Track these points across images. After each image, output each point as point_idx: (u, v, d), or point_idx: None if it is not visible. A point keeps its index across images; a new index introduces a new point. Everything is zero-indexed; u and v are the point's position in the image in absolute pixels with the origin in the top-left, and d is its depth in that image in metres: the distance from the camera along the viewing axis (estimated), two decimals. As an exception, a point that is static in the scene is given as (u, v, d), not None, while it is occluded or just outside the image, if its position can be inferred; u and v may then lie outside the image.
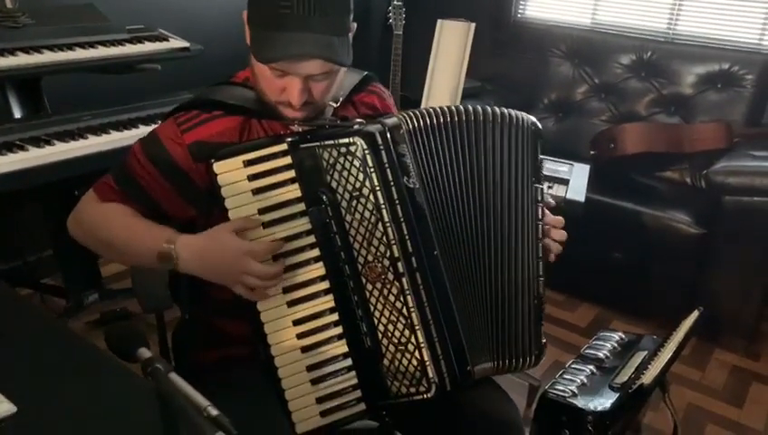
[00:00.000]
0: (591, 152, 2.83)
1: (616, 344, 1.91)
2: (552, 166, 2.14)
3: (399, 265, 1.12)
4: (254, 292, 1.07)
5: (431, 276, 1.15)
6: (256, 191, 1.09)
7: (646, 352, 1.81)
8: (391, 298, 1.13)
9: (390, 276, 1.13)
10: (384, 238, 1.12)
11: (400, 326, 1.14)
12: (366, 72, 1.33)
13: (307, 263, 1.12)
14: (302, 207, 1.10)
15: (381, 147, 1.11)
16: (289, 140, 1.10)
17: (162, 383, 0.78)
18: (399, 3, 3.54)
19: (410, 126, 1.15)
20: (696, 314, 1.86)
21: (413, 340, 1.14)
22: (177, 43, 2.25)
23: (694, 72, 3.04)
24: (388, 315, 1.14)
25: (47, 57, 1.88)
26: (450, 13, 2.92)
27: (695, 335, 2.51)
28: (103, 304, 2.33)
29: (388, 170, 1.11)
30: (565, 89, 3.34)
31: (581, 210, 2.02)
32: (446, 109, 1.19)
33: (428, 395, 1.15)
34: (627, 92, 3.18)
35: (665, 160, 2.90)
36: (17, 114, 2.01)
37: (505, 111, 1.22)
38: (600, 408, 1.44)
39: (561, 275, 2.87)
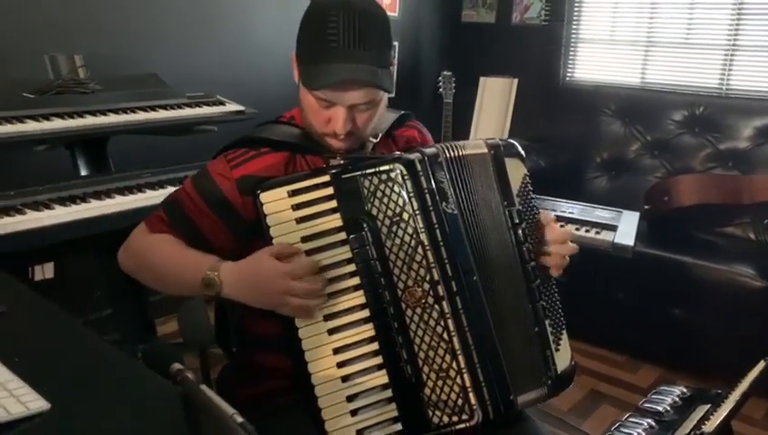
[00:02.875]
0: (646, 206, 2.77)
1: (677, 398, 1.80)
2: (600, 213, 2.12)
3: (439, 288, 1.12)
4: (298, 310, 1.09)
5: (471, 301, 1.14)
6: (300, 220, 1.12)
7: (709, 406, 1.70)
8: (432, 323, 1.12)
9: (431, 300, 1.12)
10: (424, 262, 1.12)
11: (441, 352, 1.12)
12: (403, 111, 1.38)
13: (347, 291, 1.12)
14: (342, 235, 1.12)
15: (420, 173, 1.14)
16: (332, 171, 1.14)
17: (189, 389, 0.79)
18: (449, 73, 3.65)
19: (448, 155, 1.18)
20: (762, 364, 1.75)
21: (454, 365, 1.12)
22: (232, 106, 2.37)
23: (750, 126, 2.98)
24: (428, 341, 1.13)
25: (112, 119, 2.01)
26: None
27: (765, 393, 2.35)
28: (157, 358, 2.37)
29: (428, 195, 1.14)
30: (617, 147, 3.33)
31: (630, 254, 1.97)
32: (469, 142, 1.23)
33: (471, 423, 1.12)
34: (680, 148, 3.14)
35: (724, 214, 2.81)
36: (83, 173, 2.14)
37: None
38: (659, 463, 1.36)
39: (620, 335, 2.79)
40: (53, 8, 2.40)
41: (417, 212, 1.13)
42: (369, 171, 1.14)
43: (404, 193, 1.13)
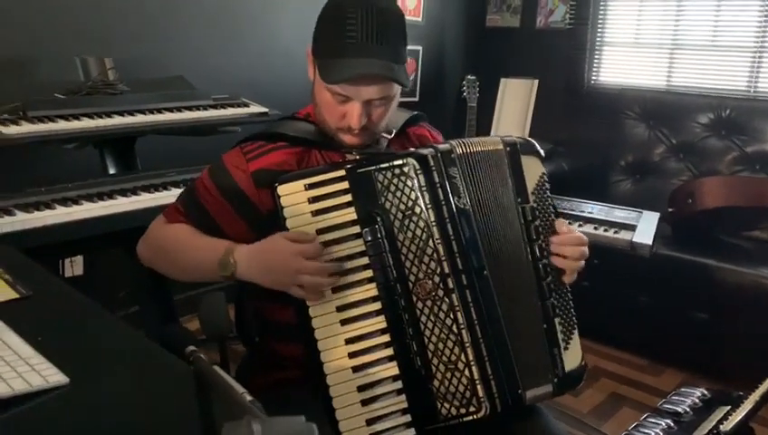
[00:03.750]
0: (670, 210, 2.75)
1: (697, 400, 1.79)
2: (620, 213, 2.11)
3: (449, 280, 1.14)
4: (308, 290, 1.11)
5: (481, 295, 1.16)
6: (316, 213, 1.14)
7: (729, 407, 1.69)
8: (441, 315, 1.14)
9: (440, 293, 1.14)
10: (435, 255, 1.14)
11: (450, 344, 1.14)
12: (417, 112, 1.41)
13: (360, 283, 1.14)
14: (357, 229, 1.15)
15: (433, 167, 1.16)
16: (347, 166, 1.17)
17: (201, 367, 0.82)
18: (473, 77, 3.66)
19: (460, 151, 1.20)
20: (785, 365, 1.73)
21: (463, 358, 1.14)
22: (256, 108, 2.42)
23: (779, 128, 2.94)
24: (438, 333, 1.14)
25: (139, 119, 2.07)
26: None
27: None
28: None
29: (440, 190, 1.16)
30: (642, 150, 3.30)
31: (648, 253, 1.96)
32: (485, 139, 1.24)
33: (478, 415, 1.13)
34: (706, 151, 3.10)
35: (750, 217, 2.76)
36: (112, 171, 2.20)
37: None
38: (675, 462, 1.36)
39: (643, 339, 2.77)
40: (85, 13, 2.48)
41: (428, 206, 1.15)
42: (383, 166, 1.16)
43: (416, 187, 1.15)
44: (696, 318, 2.58)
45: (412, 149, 1.21)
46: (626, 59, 3.68)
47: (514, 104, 2.52)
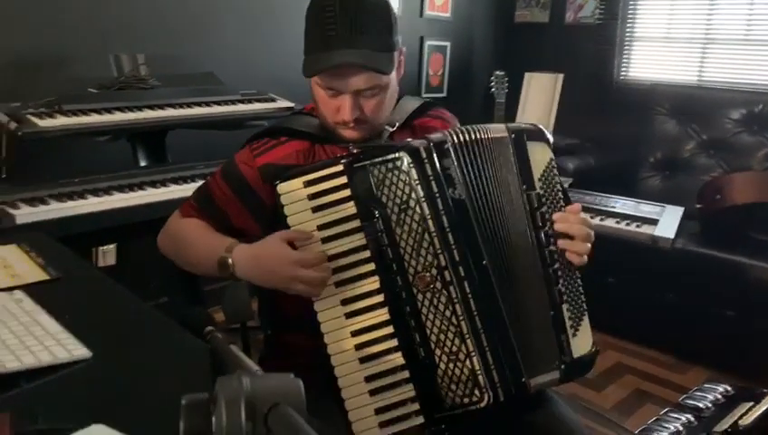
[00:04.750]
0: (698, 206, 2.71)
1: (720, 396, 1.78)
2: (644, 208, 2.10)
3: (447, 273, 1.14)
4: (304, 293, 1.13)
5: (480, 285, 1.15)
6: (316, 209, 1.15)
7: (752, 403, 1.67)
8: (441, 307, 1.15)
9: (439, 285, 1.14)
10: (431, 248, 1.15)
11: (451, 335, 1.15)
12: (425, 101, 1.41)
13: (363, 276, 1.15)
14: (357, 223, 1.15)
15: (426, 160, 1.15)
16: (344, 161, 1.16)
17: (217, 346, 0.86)
18: (501, 72, 3.65)
19: (455, 140, 1.18)
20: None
21: (464, 349, 1.14)
22: (282, 103, 2.47)
23: (813, 123, 2.88)
24: (439, 325, 1.15)
25: (169, 113, 2.13)
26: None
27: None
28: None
29: (433, 182, 1.15)
30: (671, 146, 3.26)
31: (669, 246, 1.95)
32: (490, 126, 1.22)
33: (482, 405, 1.14)
34: (738, 147, 3.05)
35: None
36: (143, 164, 2.27)
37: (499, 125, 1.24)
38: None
39: (670, 336, 2.74)
40: (119, 11, 2.55)
41: (423, 199, 1.14)
42: (377, 160, 1.16)
43: (410, 181, 1.15)
44: (724, 316, 2.54)
45: (408, 140, 1.20)
46: (656, 54, 3.64)
47: (539, 99, 2.52)
